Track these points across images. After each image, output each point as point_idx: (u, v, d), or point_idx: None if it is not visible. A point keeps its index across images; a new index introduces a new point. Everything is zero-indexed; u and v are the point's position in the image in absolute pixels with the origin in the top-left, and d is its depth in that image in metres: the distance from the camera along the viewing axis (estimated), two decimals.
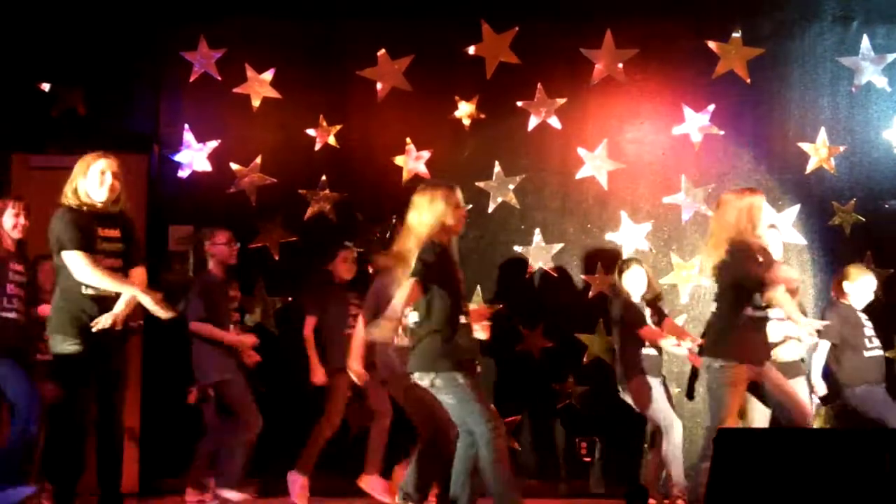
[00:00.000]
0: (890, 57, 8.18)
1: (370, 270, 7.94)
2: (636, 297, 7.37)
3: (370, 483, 7.34)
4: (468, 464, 5.65)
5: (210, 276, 7.30)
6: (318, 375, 7.44)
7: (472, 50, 8.24)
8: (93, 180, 5.73)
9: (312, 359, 7.46)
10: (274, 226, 8.22)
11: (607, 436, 8.06)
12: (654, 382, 7.25)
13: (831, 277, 7.68)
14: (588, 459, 8.04)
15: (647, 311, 7.38)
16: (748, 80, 8.19)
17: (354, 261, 7.67)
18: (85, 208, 5.71)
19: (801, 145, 8.16)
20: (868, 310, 7.37)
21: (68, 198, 5.73)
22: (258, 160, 8.25)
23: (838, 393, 7.27)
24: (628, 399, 7.34)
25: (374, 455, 7.39)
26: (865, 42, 8.18)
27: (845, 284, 7.35)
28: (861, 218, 8.07)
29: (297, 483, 7.32)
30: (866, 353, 7.27)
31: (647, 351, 7.28)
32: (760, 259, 6.14)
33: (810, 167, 8.16)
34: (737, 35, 8.20)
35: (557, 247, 8.19)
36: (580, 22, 8.21)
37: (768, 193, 8.00)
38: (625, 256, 7.96)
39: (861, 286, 7.34)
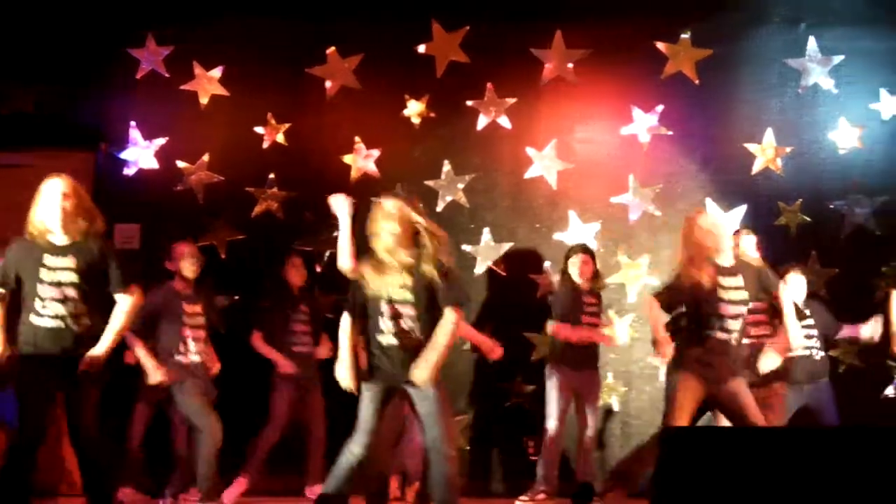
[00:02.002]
0: (836, 59, 8.25)
1: (317, 270, 7.95)
2: (582, 284, 7.46)
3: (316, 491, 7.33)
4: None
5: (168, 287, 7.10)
6: (286, 367, 7.37)
7: (422, 49, 8.24)
8: (42, 205, 5.54)
9: (272, 356, 7.40)
10: (221, 224, 8.18)
11: None
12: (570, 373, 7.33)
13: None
14: (536, 458, 8.03)
15: (590, 300, 7.49)
16: (697, 81, 8.24)
17: (304, 265, 7.63)
18: (37, 238, 5.54)
19: (747, 146, 8.23)
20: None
21: (28, 226, 5.57)
22: (205, 158, 8.21)
23: None
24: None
25: (314, 465, 7.40)
26: (812, 44, 8.26)
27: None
28: (807, 218, 8.13)
29: (239, 487, 7.29)
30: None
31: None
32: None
33: (757, 168, 8.22)
34: (685, 36, 8.25)
35: (506, 246, 8.21)
36: (530, 22, 8.22)
37: (715, 194, 8.15)
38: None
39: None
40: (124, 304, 5.63)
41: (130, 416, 7.34)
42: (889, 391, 8.11)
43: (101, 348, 5.50)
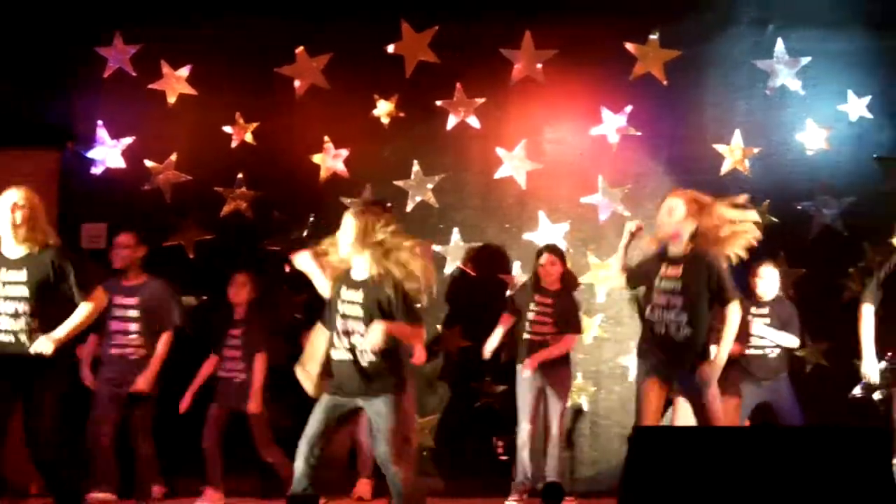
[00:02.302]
0: (804, 60, 8.29)
1: (287, 270, 7.88)
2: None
3: None
4: None
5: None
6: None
7: (391, 48, 8.22)
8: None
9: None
10: (189, 224, 8.13)
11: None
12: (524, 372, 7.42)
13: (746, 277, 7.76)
14: (505, 458, 8.04)
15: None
16: (665, 82, 8.26)
17: (251, 281, 7.55)
18: None
19: (716, 147, 8.25)
20: None
21: None
22: (173, 157, 8.16)
23: None
24: None
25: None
26: (780, 45, 8.30)
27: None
28: (774, 219, 8.15)
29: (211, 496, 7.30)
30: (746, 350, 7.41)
31: (526, 337, 7.54)
32: None
33: (725, 168, 8.25)
34: (654, 37, 8.26)
35: (476, 246, 8.20)
36: (500, 22, 8.20)
37: None
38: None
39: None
40: (85, 308, 5.61)
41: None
42: (856, 391, 8.16)
43: (49, 341, 5.44)
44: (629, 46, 8.26)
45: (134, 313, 7.18)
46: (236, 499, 7.45)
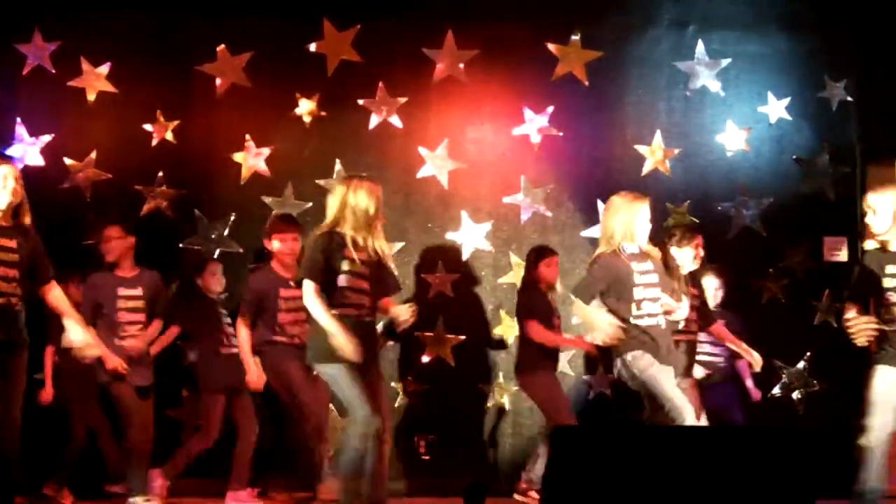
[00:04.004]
0: (724, 62, 8.38)
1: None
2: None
3: (238, 498, 7.30)
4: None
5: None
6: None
7: (313, 47, 8.19)
8: None
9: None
10: (109, 222, 8.02)
11: (447, 434, 8.09)
12: None
13: None
14: (427, 457, 8.05)
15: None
16: (587, 83, 8.30)
17: (223, 273, 7.58)
18: None
19: (637, 147, 8.31)
20: None
21: None
22: (93, 155, 8.07)
23: None
24: None
25: (240, 470, 7.33)
26: (700, 47, 8.37)
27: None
28: (695, 219, 8.23)
29: (157, 483, 7.19)
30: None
31: None
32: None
33: (646, 169, 8.31)
34: (576, 38, 8.31)
35: (398, 245, 8.18)
36: (422, 21, 8.21)
37: (605, 195, 8.14)
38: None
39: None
40: (60, 291, 5.77)
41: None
42: (775, 390, 8.25)
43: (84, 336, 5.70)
44: (551, 47, 8.29)
45: (141, 304, 7.06)
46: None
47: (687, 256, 6.98)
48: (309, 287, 5.80)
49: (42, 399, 7.37)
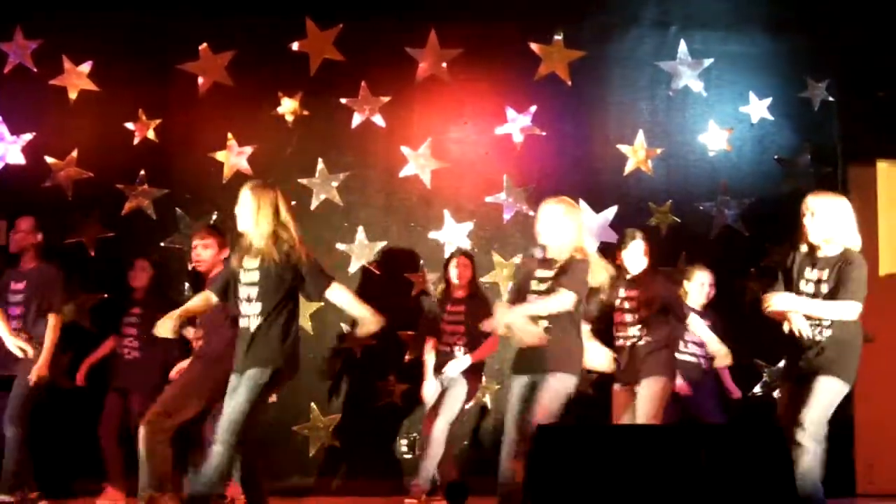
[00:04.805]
0: (706, 62, 8.40)
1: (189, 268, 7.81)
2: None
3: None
4: None
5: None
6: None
7: (295, 46, 8.19)
8: None
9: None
10: (90, 221, 8.03)
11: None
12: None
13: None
14: (409, 457, 8.05)
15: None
16: (569, 83, 8.32)
17: (151, 267, 7.54)
18: None
19: (619, 147, 8.32)
20: None
21: None
22: (74, 154, 8.05)
23: None
24: None
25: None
26: (683, 47, 8.39)
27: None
28: (676, 219, 8.26)
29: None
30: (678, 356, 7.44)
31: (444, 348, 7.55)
32: None
33: (628, 169, 8.33)
34: (559, 38, 8.32)
35: (381, 245, 8.20)
36: (405, 21, 8.21)
37: (588, 194, 8.23)
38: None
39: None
40: None
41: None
42: (756, 389, 8.27)
43: None
44: (534, 46, 8.31)
45: (20, 297, 7.03)
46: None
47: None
48: None
49: None
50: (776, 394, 8.25)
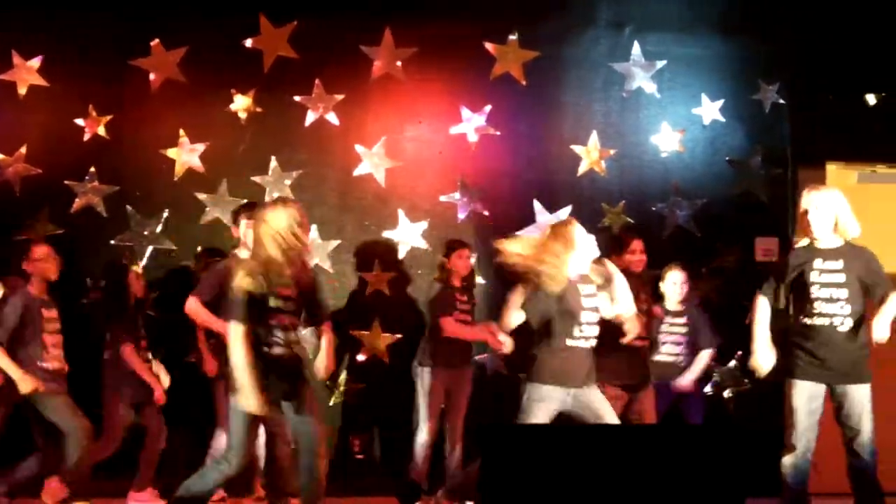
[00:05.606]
0: (659, 63, 8.45)
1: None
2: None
3: (139, 498, 7.24)
4: None
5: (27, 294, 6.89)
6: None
7: (249, 43, 8.12)
8: None
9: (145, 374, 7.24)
10: (39, 218, 7.91)
11: (382, 433, 8.09)
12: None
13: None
14: (362, 457, 8.03)
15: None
16: (524, 83, 8.33)
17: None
18: None
19: (573, 147, 8.35)
20: None
21: None
22: (23, 150, 7.94)
23: None
24: None
25: (146, 471, 7.27)
26: (637, 48, 8.43)
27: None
28: (629, 219, 8.30)
29: (52, 486, 7.05)
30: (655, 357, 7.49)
31: None
32: None
33: (582, 169, 8.36)
34: (514, 37, 8.33)
35: (335, 243, 8.17)
36: (359, 19, 8.17)
37: (542, 194, 8.26)
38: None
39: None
40: None
41: None
42: (707, 389, 8.33)
43: None
44: (489, 46, 8.31)
45: (58, 325, 6.96)
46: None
47: None
48: None
49: None
50: (727, 394, 8.35)
